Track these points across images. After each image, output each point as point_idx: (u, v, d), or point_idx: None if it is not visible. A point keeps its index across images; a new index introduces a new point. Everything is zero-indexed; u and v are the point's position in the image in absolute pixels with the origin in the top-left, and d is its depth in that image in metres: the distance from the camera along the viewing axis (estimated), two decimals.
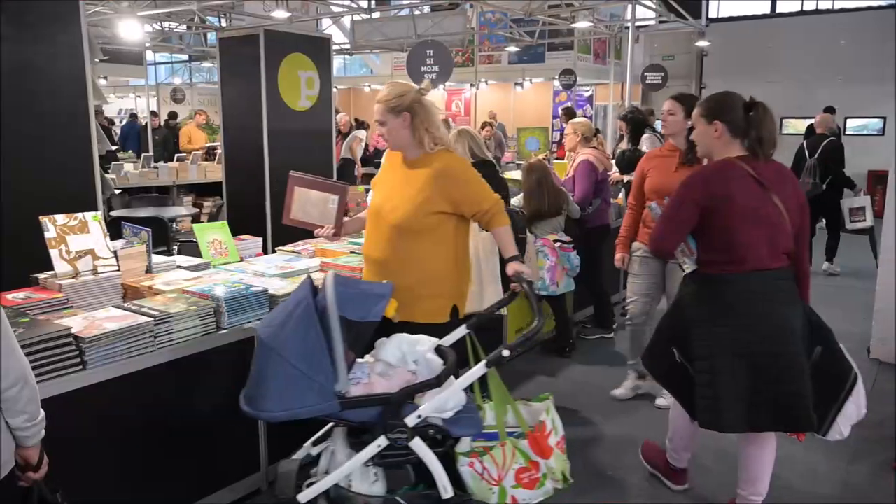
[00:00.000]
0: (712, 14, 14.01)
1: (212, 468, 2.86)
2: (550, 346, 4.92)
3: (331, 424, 2.49)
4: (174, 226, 6.02)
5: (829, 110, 8.92)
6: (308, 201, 2.98)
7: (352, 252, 3.70)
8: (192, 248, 3.82)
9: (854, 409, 2.64)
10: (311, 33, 7.88)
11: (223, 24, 12.39)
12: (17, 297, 2.76)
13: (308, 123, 5.97)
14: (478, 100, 14.38)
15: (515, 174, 6.43)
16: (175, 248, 5.35)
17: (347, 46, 14.97)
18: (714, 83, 13.86)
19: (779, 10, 13.74)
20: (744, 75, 12.97)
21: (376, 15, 12.91)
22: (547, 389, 4.20)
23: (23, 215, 3.14)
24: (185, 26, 13.86)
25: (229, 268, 3.42)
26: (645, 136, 6.17)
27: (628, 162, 5.82)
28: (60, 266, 2.90)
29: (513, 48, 14.76)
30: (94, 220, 3.07)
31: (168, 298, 2.86)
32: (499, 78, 16.39)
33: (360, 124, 11.20)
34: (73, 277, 2.90)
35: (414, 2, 12.43)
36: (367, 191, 5.31)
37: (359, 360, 2.43)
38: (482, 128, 10.79)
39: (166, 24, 13.36)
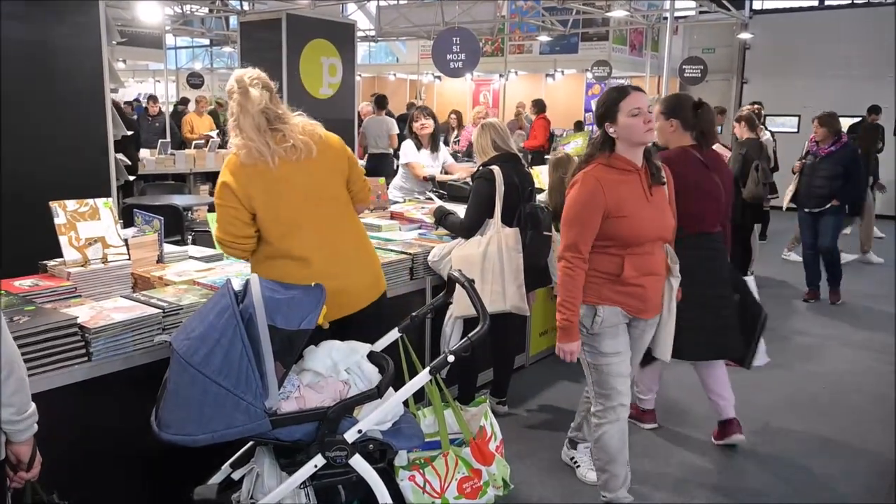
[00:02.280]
0: (756, 5, 13.56)
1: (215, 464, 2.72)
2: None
3: (251, 443, 2.31)
4: (189, 215, 5.90)
5: (874, 110, 8.63)
6: None
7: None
8: (206, 238, 3.70)
9: (763, 344, 3.51)
10: (334, 19, 7.73)
11: (245, 7, 12.27)
12: (23, 284, 2.68)
13: (330, 111, 5.83)
14: (507, 91, 14.11)
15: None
16: (189, 237, 5.24)
17: (372, 33, 14.78)
18: (756, 78, 13.39)
19: (827, 1, 13.25)
20: (788, 70, 12.53)
21: (403, 1, 12.70)
22: (572, 395, 4.08)
23: (33, 200, 3.03)
24: (206, 9, 13.76)
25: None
26: None
27: None
28: (69, 253, 2.79)
29: (545, 37, 14.46)
30: (105, 207, 2.95)
31: (178, 290, 2.75)
32: (529, 69, 16.11)
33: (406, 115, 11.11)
34: (82, 265, 2.79)
35: None
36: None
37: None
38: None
39: (187, 6, 13.28)
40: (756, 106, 6.37)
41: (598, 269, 2.65)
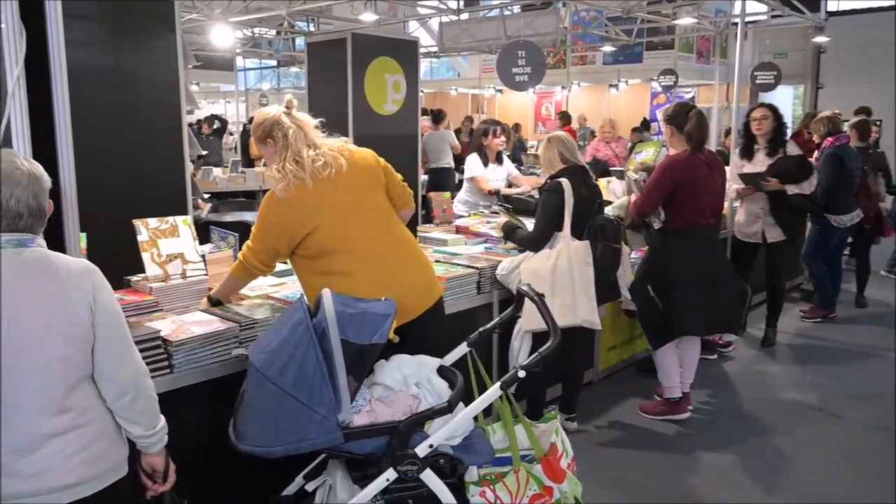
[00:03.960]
0: (831, 7, 13.06)
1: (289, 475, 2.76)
2: (644, 366, 4.61)
3: (323, 455, 2.32)
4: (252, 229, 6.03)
5: None
6: None
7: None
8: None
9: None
10: (398, 36, 7.84)
11: (311, 28, 12.58)
12: None
13: (394, 128, 5.89)
14: (569, 102, 14.01)
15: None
16: None
17: (434, 49, 14.93)
18: (832, 83, 12.88)
19: None
20: (865, 74, 12.01)
21: (464, 16, 12.80)
22: (636, 415, 4.00)
23: (117, 218, 3.16)
24: (274, 31, 14.17)
25: None
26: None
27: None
28: (151, 269, 2.89)
29: (608, 48, 14.30)
30: (184, 224, 3.05)
31: (253, 304, 2.82)
32: (592, 80, 15.96)
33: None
34: (163, 281, 2.89)
35: (504, 1, 12.24)
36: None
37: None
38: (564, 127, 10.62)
39: (256, 29, 13.71)
40: (835, 112, 6.09)
41: None
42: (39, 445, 1.65)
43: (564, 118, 12.26)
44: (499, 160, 5.26)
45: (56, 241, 2.29)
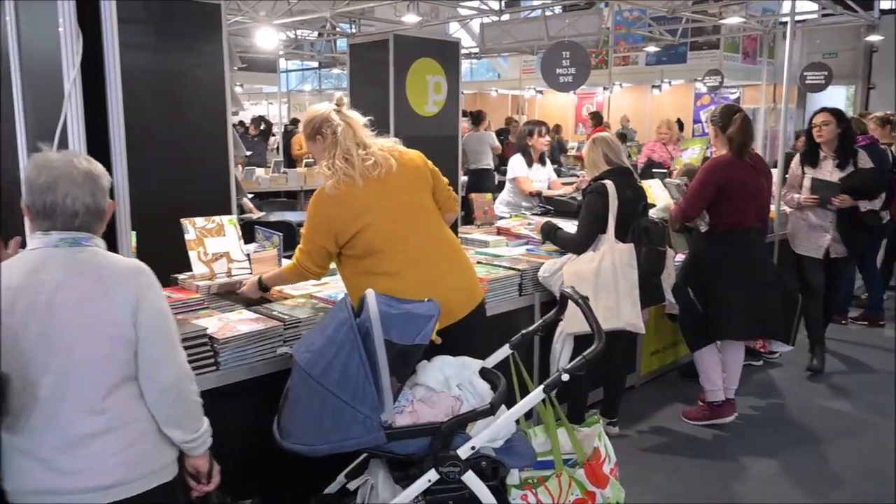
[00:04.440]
0: (884, 5, 12.65)
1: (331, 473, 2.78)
2: (687, 371, 4.53)
3: (365, 455, 2.33)
4: (301, 230, 6.13)
5: None
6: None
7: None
8: None
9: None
10: (440, 37, 7.85)
11: (353, 30, 12.68)
12: None
13: (434, 129, 5.90)
14: (611, 103, 13.85)
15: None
16: None
17: (475, 50, 14.91)
18: (885, 83, 12.46)
19: None
20: None
21: (505, 17, 12.74)
22: (680, 421, 3.93)
23: (165, 217, 3.23)
24: (316, 33, 14.32)
25: None
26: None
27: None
28: (198, 267, 2.95)
29: (651, 48, 14.10)
30: (229, 224, 3.11)
31: (296, 303, 2.85)
32: (634, 80, 15.77)
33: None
34: (209, 279, 2.94)
35: (546, 2, 12.16)
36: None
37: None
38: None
39: (299, 31, 13.87)
40: (887, 113, 5.88)
41: None
42: (79, 444, 1.66)
43: (596, 119, 12.13)
44: (542, 161, 5.24)
45: (109, 239, 2.34)
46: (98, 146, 2.31)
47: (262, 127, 11.83)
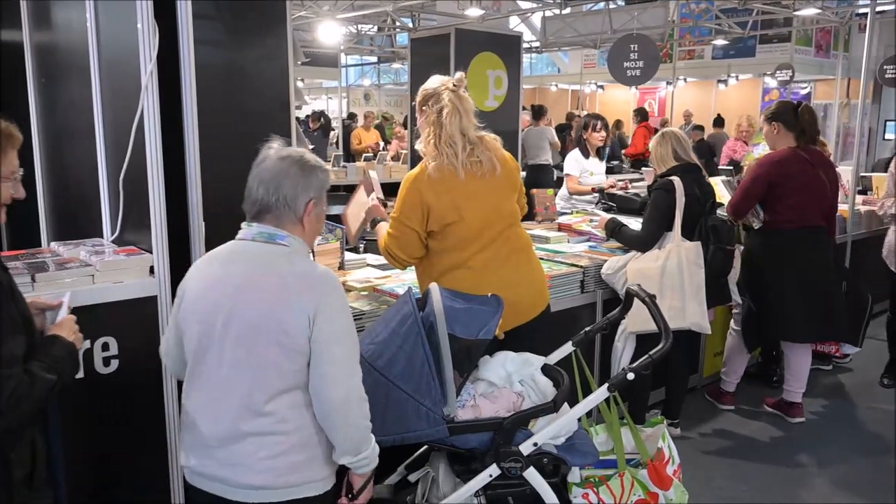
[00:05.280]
0: None
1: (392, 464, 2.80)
2: (754, 373, 4.40)
3: (426, 447, 2.32)
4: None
5: None
6: (359, 202, 2.92)
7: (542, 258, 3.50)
8: (376, 247, 3.82)
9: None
10: (501, 31, 7.80)
11: (413, 25, 12.72)
12: None
13: (494, 124, 5.86)
14: (674, 98, 13.53)
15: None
16: (361, 245, 5.49)
17: (536, 44, 14.76)
18: None
19: None
20: None
21: (567, 10, 12.57)
22: (748, 421, 3.83)
23: (232, 212, 3.31)
24: (376, 28, 14.42)
25: None
26: None
27: None
28: None
29: (719, 41, 13.66)
30: None
31: (360, 295, 2.88)
32: (699, 75, 15.33)
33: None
34: None
35: None
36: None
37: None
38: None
39: (360, 26, 13.99)
40: None
41: None
42: (236, 440, 1.68)
43: (640, 115, 11.90)
44: (599, 155, 5.19)
45: (182, 230, 2.41)
46: (172, 139, 2.39)
47: (321, 121, 11.99)
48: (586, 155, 5.09)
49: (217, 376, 1.69)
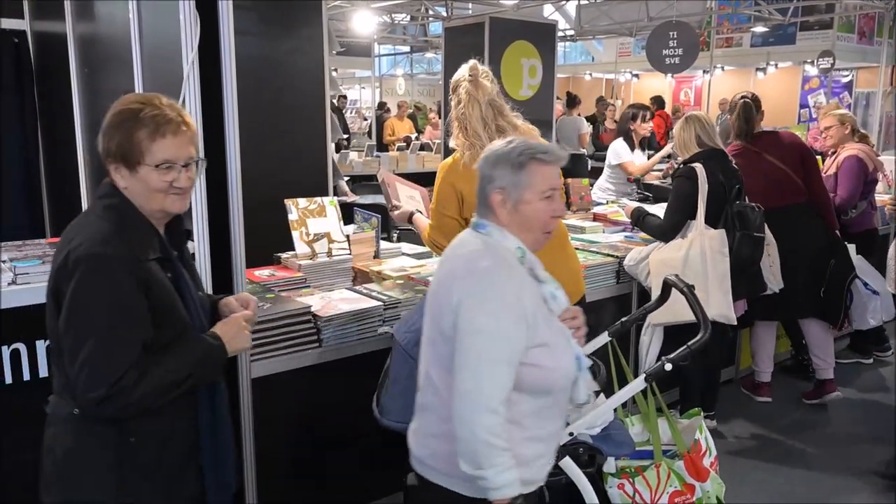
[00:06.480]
0: None
1: None
2: (787, 367, 4.33)
3: None
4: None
5: None
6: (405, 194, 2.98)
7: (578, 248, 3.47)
8: (410, 236, 3.83)
9: (876, 304, 3.98)
10: (536, 20, 7.73)
11: (447, 13, 12.67)
12: (262, 273, 2.96)
13: (528, 113, 5.83)
14: (710, 87, 13.27)
15: None
16: (394, 234, 5.51)
17: (571, 33, 14.60)
18: None
19: None
20: None
21: None
22: (784, 414, 3.79)
23: (268, 198, 3.34)
24: (409, 17, 14.40)
25: None
26: None
27: None
28: (300, 247, 3.04)
29: (759, 28, 13.35)
30: (331, 205, 3.19)
31: (395, 284, 2.89)
32: (737, 63, 15.00)
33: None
34: (310, 258, 3.03)
35: None
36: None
37: None
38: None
39: (396, 15, 13.99)
40: None
41: None
42: (416, 410, 1.80)
43: (658, 102, 11.67)
44: (642, 147, 5.12)
45: (221, 218, 2.44)
46: (211, 129, 2.41)
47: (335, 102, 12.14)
48: (632, 147, 5.03)
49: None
